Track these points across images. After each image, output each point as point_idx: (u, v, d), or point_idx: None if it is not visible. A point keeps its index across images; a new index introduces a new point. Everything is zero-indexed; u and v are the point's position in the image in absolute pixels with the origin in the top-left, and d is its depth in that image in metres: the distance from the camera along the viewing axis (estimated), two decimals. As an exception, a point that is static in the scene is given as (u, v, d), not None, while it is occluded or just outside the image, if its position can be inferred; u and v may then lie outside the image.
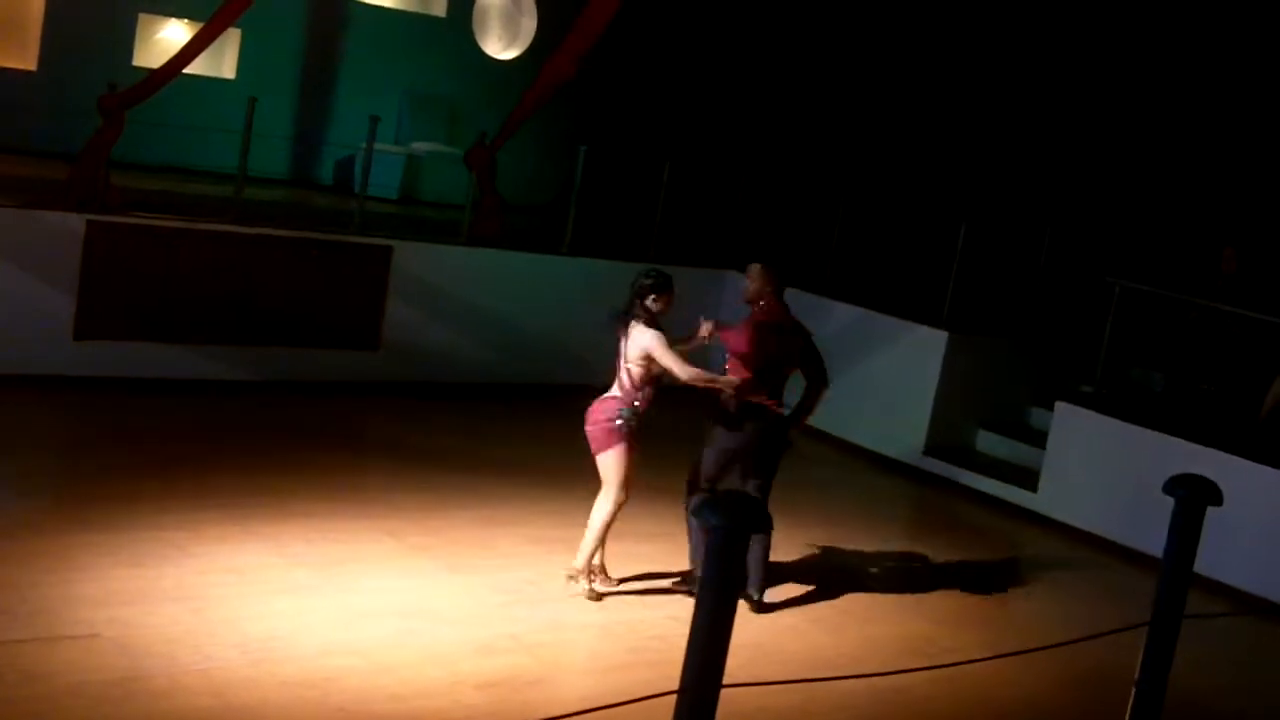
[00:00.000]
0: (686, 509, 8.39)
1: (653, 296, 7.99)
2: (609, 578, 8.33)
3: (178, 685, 6.33)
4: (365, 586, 7.86)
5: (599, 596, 8.16)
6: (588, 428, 8.03)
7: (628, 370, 7.98)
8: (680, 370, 7.89)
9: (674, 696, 3.93)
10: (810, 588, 9.03)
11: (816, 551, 9.80)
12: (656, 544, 9.15)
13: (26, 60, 14.20)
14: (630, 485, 8.08)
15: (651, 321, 7.95)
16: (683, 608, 8.09)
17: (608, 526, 8.12)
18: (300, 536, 8.43)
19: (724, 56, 16.96)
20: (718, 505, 3.77)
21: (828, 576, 9.32)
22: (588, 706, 4.62)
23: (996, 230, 13.83)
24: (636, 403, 8.00)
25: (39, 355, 10.81)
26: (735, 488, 8.29)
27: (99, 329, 11.08)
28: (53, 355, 10.89)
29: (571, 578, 8.17)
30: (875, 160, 16.07)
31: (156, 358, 11.33)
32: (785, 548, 9.48)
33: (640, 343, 7.91)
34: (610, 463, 8.01)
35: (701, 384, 8.02)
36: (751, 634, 7.90)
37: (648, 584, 8.58)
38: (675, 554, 8.92)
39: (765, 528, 3.80)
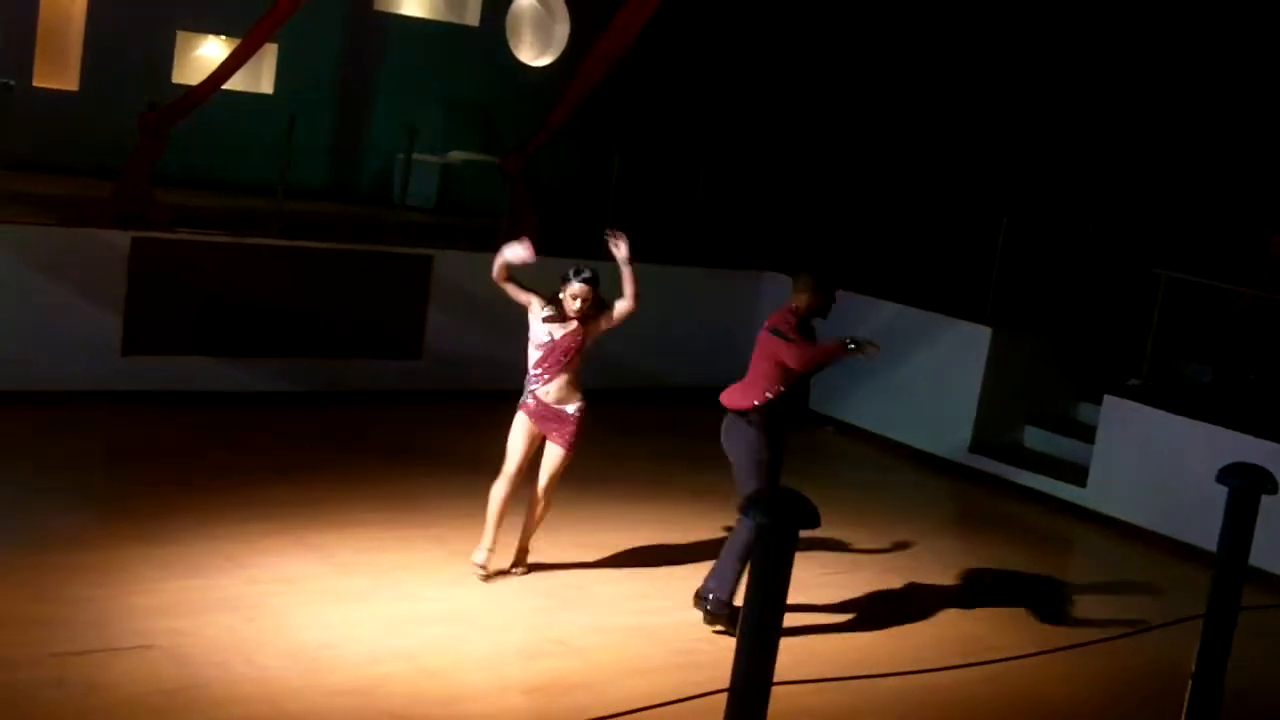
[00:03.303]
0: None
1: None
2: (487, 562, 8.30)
3: (233, 694, 6.39)
4: (413, 594, 7.91)
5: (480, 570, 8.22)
6: None
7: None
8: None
9: (723, 696, 3.94)
10: (857, 587, 9.01)
11: (863, 551, 9.77)
12: (702, 547, 9.17)
13: (68, 81, 14.34)
14: (519, 461, 8.16)
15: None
16: (731, 609, 8.09)
17: (498, 501, 8.21)
18: (349, 545, 8.48)
19: (759, 54, 16.95)
20: (763, 502, 3.77)
21: (875, 576, 9.31)
22: (636, 708, 4.62)
23: (1039, 224, 13.76)
24: (530, 379, 8.21)
25: (88, 371, 10.92)
26: None
27: (146, 344, 11.18)
28: (101, 371, 10.99)
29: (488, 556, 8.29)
30: (915, 156, 16.02)
31: (203, 371, 11.43)
32: (832, 548, 9.49)
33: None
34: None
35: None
36: (799, 634, 7.90)
37: (694, 585, 8.56)
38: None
39: (814, 524, 3.79)
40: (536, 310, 8.21)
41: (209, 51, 14.93)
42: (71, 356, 10.86)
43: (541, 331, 8.18)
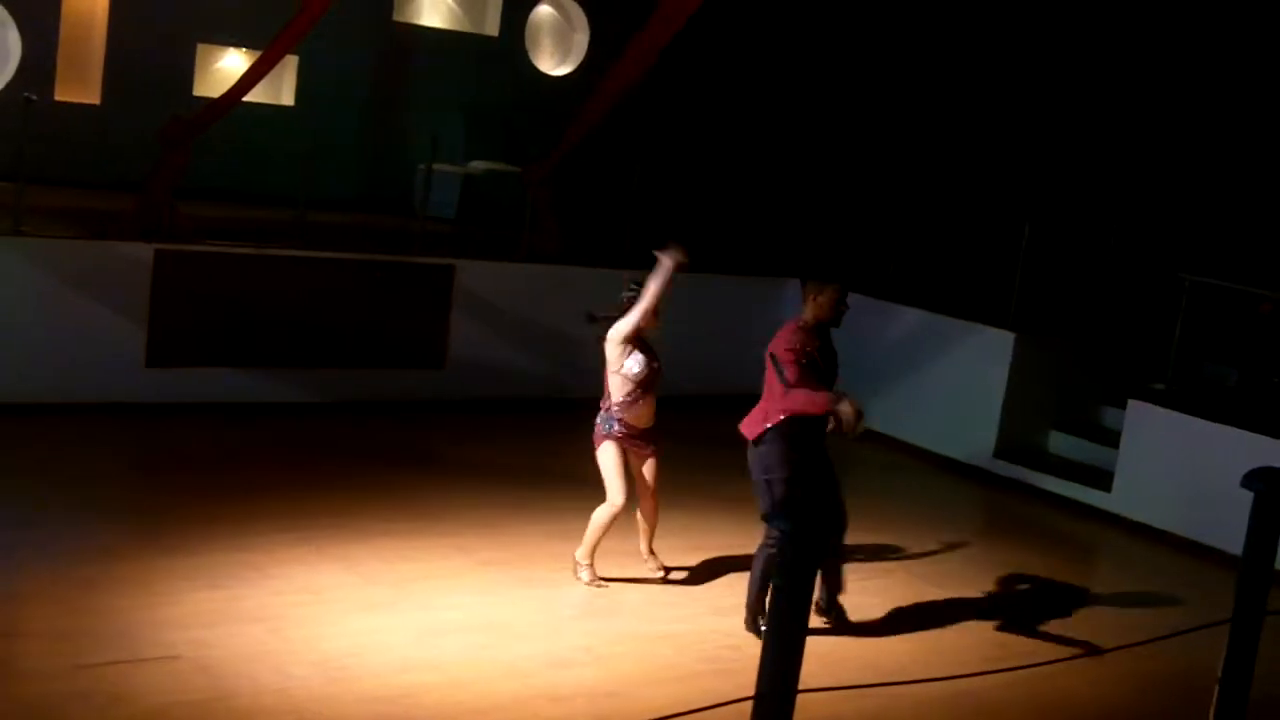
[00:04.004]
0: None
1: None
2: (595, 575, 8.45)
3: (259, 705, 6.40)
4: (439, 603, 7.92)
5: (602, 583, 8.40)
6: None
7: (607, 378, 8.27)
8: (634, 318, 8.14)
9: (749, 703, 3.94)
10: (883, 593, 8.99)
11: (888, 557, 9.76)
12: (727, 555, 9.17)
13: (90, 94, 14.42)
14: (624, 489, 8.22)
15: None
16: (756, 616, 8.08)
17: (603, 528, 8.31)
18: (374, 555, 8.50)
19: (782, 61, 16.95)
20: (788, 510, 3.78)
21: (900, 582, 9.29)
22: (662, 715, 4.62)
23: (1061, 228, 13.72)
24: (614, 410, 8.22)
25: (112, 384, 10.97)
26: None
27: (170, 356, 11.23)
28: (126, 383, 11.04)
29: (577, 569, 8.45)
30: (938, 162, 15.99)
31: (227, 383, 11.47)
32: (857, 554, 9.46)
33: (610, 344, 8.17)
34: (600, 463, 8.28)
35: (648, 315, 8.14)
36: (824, 641, 7.88)
37: (720, 593, 8.58)
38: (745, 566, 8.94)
39: (838, 532, 3.79)
40: (623, 352, 8.18)
41: (230, 64, 15.01)
42: (96, 369, 10.91)
43: (639, 364, 8.17)
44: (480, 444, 11.58)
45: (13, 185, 10.91)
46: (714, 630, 8.00)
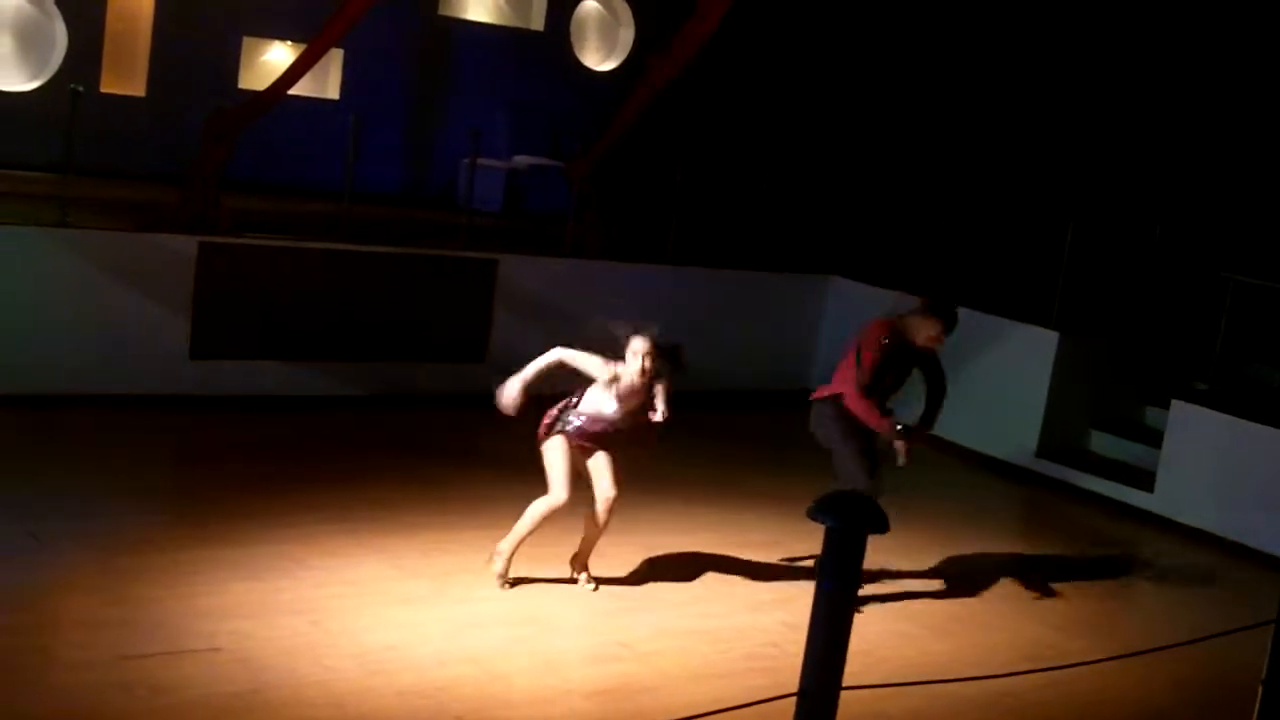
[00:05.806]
0: None
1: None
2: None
3: (298, 697, 6.43)
4: (478, 596, 7.93)
5: (508, 585, 8.09)
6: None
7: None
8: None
9: (791, 700, 3.93)
10: (922, 593, 8.96)
11: (928, 556, 9.71)
12: (766, 551, 9.15)
13: (135, 87, 14.51)
14: (569, 487, 8.06)
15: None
16: (795, 614, 8.06)
17: (536, 522, 8.08)
18: (413, 548, 8.52)
19: (824, 58, 16.90)
20: (833, 505, 3.76)
21: (939, 581, 9.25)
22: (703, 712, 4.62)
23: (1105, 227, 13.63)
24: (571, 413, 8.14)
25: (156, 375, 11.04)
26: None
27: (214, 348, 11.29)
28: (169, 375, 11.11)
29: (494, 556, 8.14)
30: (982, 160, 15.92)
31: (270, 375, 11.53)
32: (896, 553, 9.42)
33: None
34: (544, 458, 8.17)
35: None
36: (864, 640, 7.82)
37: (758, 590, 8.57)
38: (784, 562, 8.93)
39: (883, 529, 3.77)
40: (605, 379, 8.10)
41: (275, 57, 15.08)
42: (139, 360, 10.98)
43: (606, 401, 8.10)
44: (520, 439, 11.46)
45: (59, 177, 11.00)
46: (752, 627, 7.99)
